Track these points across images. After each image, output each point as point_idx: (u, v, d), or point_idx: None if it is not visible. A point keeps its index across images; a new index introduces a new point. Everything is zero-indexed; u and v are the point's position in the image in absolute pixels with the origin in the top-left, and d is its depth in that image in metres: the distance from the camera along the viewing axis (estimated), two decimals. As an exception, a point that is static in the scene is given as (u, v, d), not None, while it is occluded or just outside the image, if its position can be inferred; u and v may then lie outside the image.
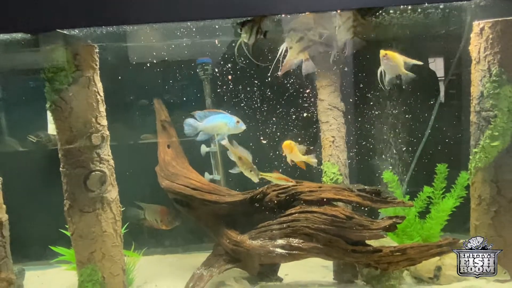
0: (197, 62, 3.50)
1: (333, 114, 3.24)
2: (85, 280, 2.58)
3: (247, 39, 2.31)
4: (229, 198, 2.98)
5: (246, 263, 2.91)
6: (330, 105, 3.25)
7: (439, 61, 3.67)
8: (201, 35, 3.47)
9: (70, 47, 2.41)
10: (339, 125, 3.22)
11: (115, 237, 2.65)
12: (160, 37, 3.58)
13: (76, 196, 2.50)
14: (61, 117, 2.45)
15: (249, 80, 3.54)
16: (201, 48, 3.53)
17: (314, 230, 2.70)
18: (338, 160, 3.16)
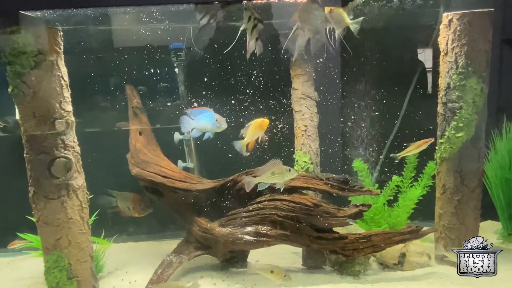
0: (170, 48, 3.44)
1: (306, 103, 3.25)
2: (51, 267, 2.56)
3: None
4: (200, 186, 2.99)
5: (216, 250, 2.95)
6: (303, 94, 3.25)
7: (428, 52, 3.72)
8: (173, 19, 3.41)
9: (32, 30, 2.33)
10: (312, 114, 3.24)
11: (82, 224, 2.63)
12: (133, 21, 3.50)
13: (41, 183, 2.46)
14: (23, 102, 2.39)
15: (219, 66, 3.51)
16: (174, 33, 3.47)
17: (282, 217, 2.74)
18: (310, 149, 3.19)
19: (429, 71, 3.77)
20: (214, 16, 2.24)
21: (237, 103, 3.57)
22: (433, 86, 3.66)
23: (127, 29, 3.49)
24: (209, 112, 3.17)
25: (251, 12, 2.21)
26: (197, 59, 3.33)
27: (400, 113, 3.58)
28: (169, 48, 3.43)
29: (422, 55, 3.76)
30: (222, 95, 3.54)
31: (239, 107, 3.58)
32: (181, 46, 3.42)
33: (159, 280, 2.73)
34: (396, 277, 2.90)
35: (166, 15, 3.36)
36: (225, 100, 3.52)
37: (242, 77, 3.55)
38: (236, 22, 2.39)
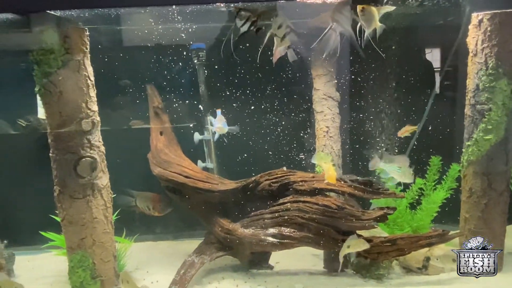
0: (191, 48, 3.43)
1: (328, 104, 3.21)
2: (76, 266, 2.57)
3: (240, 25, 2.27)
4: (222, 187, 2.97)
5: (238, 251, 2.93)
6: (325, 94, 3.22)
7: (436, 52, 3.65)
8: (195, 19, 3.40)
9: (60, 30, 2.33)
10: (334, 115, 3.21)
11: (106, 223, 2.63)
12: (154, 21, 3.50)
13: (66, 182, 2.47)
14: (50, 101, 2.39)
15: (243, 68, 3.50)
16: (196, 33, 3.46)
17: (306, 219, 2.71)
18: (332, 151, 3.16)
19: (437, 71, 3.71)
20: (255, 23, 2.22)
21: (257, 104, 3.56)
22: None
23: (149, 28, 3.48)
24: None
25: (282, 19, 2.19)
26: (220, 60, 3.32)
27: (424, 115, 3.51)
28: (190, 48, 3.42)
29: (430, 55, 3.69)
30: (243, 96, 3.52)
31: (260, 107, 3.57)
32: (202, 46, 3.40)
33: (182, 281, 2.72)
34: (421, 281, 2.85)
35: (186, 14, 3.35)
36: (246, 101, 3.51)
37: (263, 77, 3.53)
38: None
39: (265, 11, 2.34)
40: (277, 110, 3.62)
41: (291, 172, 2.88)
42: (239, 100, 3.53)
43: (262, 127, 3.56)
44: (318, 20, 2.72)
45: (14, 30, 3.15)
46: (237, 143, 3.47)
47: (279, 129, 3.60)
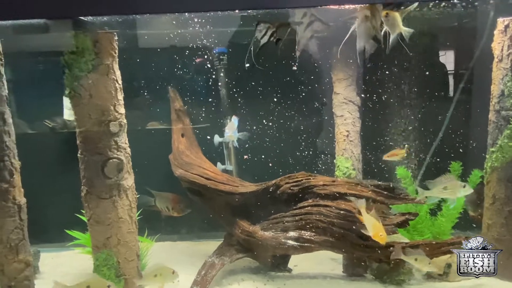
0: (214, 52, 3.48)
1: (349, 108, 3.22)
2: (101, 265, 2.63)
3: (260, 37, 2.32)
4: (242, 189, 3.01)
5: (258, 253, 2.96)
6: (345, 99, 3.23)
7: (449, 55, 3.63)
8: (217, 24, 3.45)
9: (91, 34, 2.40)
10: (354, 119, 3.21)
11: (130, 223, 2.69)
12: (175, 25, 3.56)
13: (94, 183, 2.54)
14: (80, 104, 2.46)
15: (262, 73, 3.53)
16: (218, 37, 3.52)
17: (327, 223, 2.72)
18: (352, 155, 3.16)
19: (451, 74, 3.67)
20: (275, 34, 2.25)
21: (276, 107, 3.59)
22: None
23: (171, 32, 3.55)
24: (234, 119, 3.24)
25: (307, 8, 2.20)
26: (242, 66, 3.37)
27: (446, 120, 3.48)
28: (213, 52, 3.47)
29: (443, 58, 3.66)
30: (263, 99, 3.56)
31: (279, 111, 3.60)
32: (225, 50, 3.45)
33: (203, 281, 2.76)
34: (441, 288, 2.84)
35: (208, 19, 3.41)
36: (266, 104, 3.55)
37: (282, 81, 3.56)
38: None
39: (284, 22, 2.37)
40: (295, 114, 3.65)
41: (312, 176, 2.90)
42: (258, 104, 3.57)
43: (280, 130, 3.59)
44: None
45: (45, 34, 3.27)
46: (256, 146, 3.51)
47: (297, 133, 3.63)
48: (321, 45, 3.23)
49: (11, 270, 2.69)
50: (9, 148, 2.64)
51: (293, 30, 2.43)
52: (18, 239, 2.70)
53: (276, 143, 3.58)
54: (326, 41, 3.26)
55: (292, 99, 3.59)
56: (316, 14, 2.22)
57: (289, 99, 3.60)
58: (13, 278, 2.69)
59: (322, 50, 3.13)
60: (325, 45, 3.27)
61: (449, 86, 3.69)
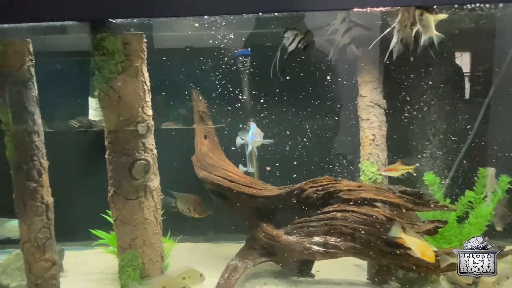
0: (237, 54, 3.47)
1: (375, 111, 3.16)
2: (126, 265, 2.64)
3: (288, 44, 2.31)
4: (266, 192, 2.98)
5: (281, 257, 2.93)
6: (371, 102, 3.17)
7: (465, 56, 3.53)
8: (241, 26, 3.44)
9: (121, 36, 2.42)
10: (381, 123, 3.15)
11: (156, 224, 2.70)
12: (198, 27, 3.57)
13: (121, 184, 2.55)
14: (109, 105, 2.48)
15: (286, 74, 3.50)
16: (240, 39, 3.51)
17: (353, 229, 2.67)
18: (378, 159, 3.10)
19: (467, 75, 3.56)
20: (302, 41, 2.24)
21: (299, 110, 3.56)
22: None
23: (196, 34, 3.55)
24: (252, 125, 3.23)
25: (346, 14, 2.18)
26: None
27: (475, 124, 3.38)
28: (235, 54, 3.46)
29: (459, 59, 3.56)
30: (286, 102, 3.53)
31: (302, 114, 3.57)
32: (248, 52, 3.44)
33: (227, 285, 2.75)
34: (470, 299, 2.75)
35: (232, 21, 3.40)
36: (288, 107, 3.52)
37: (305, 83, 3.53)
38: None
39: (309, 31, 2.35)
40: (319, 117, 3.61)
41: (337, 180, 2.86)
42: (281, 106, 3.54)
43: (303, 134, 3.55)
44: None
45: (74, 36, 3.31)
46: (278, 149, 3.48)
47: (320, 136, 3.59)
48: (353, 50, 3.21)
49: (38, 269, 2.73)
50: (38, 148, 2.68)
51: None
52: (45, 238, 2.74)
53: (297, 146, 3.55)
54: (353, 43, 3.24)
55: (315, 101, 3.55)
56: (356, 20, 2.19)
57: (311, 101, 3.56)
58: (40, 276, 2.73)
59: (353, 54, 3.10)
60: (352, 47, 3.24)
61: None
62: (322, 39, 3.19)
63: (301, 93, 3.56)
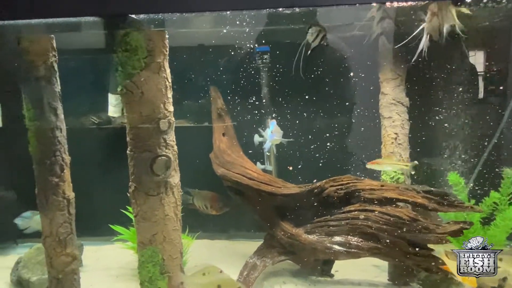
0: (256, 50, 3.44)
1: (397, 109, 3.09)
2: (146, 261, 2.64)
3: (311, 40, 2.30)
4: (285, 191, 2.95)
5: (301, 256, 2.89)
6: (394, 99, 3.10)
7: (479, 55, 3.43)
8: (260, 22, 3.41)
9: (144, 32, 2.41)
10: (403, 121, 3.07)
11: (176, 221, 2.69)
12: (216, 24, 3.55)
13: (142, 179, 2.54)
14: (131, 101, 2.47)
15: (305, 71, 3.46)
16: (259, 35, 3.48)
17: (375, 230, 2.62)
18: (400, 159, 3.03)
19: (481, 74, 3.45)
20: (325, 37, 2.22)
21: (318, 107, 3.51)
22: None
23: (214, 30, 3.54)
24: (272, 123, 3.20)
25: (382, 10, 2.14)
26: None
27: (502, 122, 3.28)
28: (255, 51, 3.43)
29: (473, 58, 3.45)
30: (304, 99, 3.49)
31: (321, 111, 3.52)
32: (267, 49, 3.40)
33: (246, 282, 2.73)
34: (496, 303, 2.67)
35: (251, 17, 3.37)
36: (307, 104, 3.48)
37: (325, 80, 3.48)
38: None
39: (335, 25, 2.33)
40: (339, 114, 3.55)
41: (358, 179, 2.80)
42: (300, 104, 3.50)
43: (321, 131, 3.51)
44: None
45: (96, 32, 3.33)
46: (296, 147, 3.45)
47: (338, 134, 3.54)
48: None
49: (59, 263, 2.75)
50: (61, 143, 2.71)
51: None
52: (67, 232, 2.76)
53: (316, 144, 3.51)
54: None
55: (333, 99, 3.50)
56: (387, 11, 2.14)
57: (329, 99, 3.51)
58: (61, 271, 2.75)
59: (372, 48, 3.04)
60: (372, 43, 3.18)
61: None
62: (336, 36, 3.17)
63: (319, 90, 3.52)
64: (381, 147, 3.16)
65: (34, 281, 3.02)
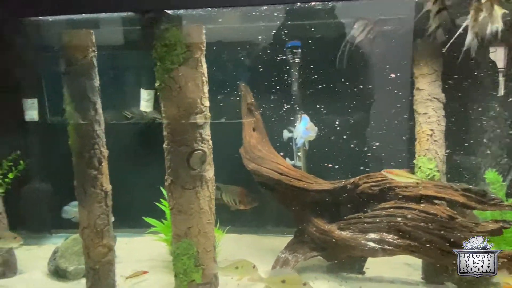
0: (287, 46, 3.42)
1: (433, 105, 3.02)
2: (181, 253, 2.69)
3: (357, 34, 2.28)
4: (317, 186, 2.94)
5: (333, 253, 2.89)
6: (430, 95, 3.03)
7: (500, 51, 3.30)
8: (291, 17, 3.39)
9: (183, 28, 2.44)
10: (439, 117, 3.00)
11: (210, 214, 2.72)
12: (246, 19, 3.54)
13: (179, 173, 2.59)
14: (169, 96, 2.51)
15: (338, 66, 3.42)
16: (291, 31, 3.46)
17: (412, 227, 2.59)
18: (436, 156, 2.96)
19: (501, 71, 3.31)
20: (371, 30, 2.19)
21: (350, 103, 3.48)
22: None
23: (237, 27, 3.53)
24: (305, 119, 3.18)
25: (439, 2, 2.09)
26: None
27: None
28: (286, 46, 3.41)
29: (493, 54, 3.31)
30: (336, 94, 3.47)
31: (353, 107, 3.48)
32: (298, 44, 3.38)
33: (279, 278, 2.74)
34: (536, 304, 2.60)
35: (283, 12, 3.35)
36: (340, 100, 3.45)
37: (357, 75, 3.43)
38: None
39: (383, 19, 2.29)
40: (370, 110, 3.51)
41: (393, 176, 2.77)
42: (331, 99, 3.47)
43: (353, 127, 3.47)
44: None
45: (129, 28, 3.38)
46: (327, 143, 3.42)
47: (371, 130, 3.50)
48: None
49: (96, 254, 2.84)
50: (99, 136, 2.77)
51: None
52: (104, 224, 2.84)
53: (346, 140, 3.47)
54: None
55: (366, 94, 3.46)
56: (444, 2, 2.09)
57: (362, 94, 3.47)
58: (98, 261, 2.84)
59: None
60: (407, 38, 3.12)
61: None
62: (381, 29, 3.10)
63: (351, 86, 3.48)
64: (416, 143, 3.11)
65: (70, 270, 3.11)
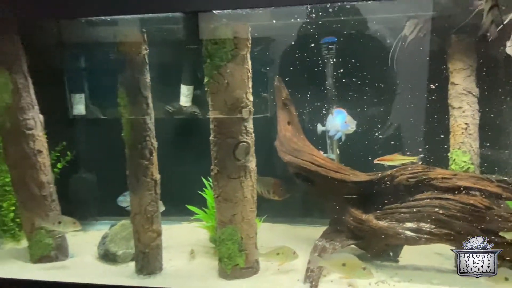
0: (322, 42, 3.53)
1: (468, 99, 3.10)
2: (226, 239, 2.87)
3: (409, 33, 2.34)
4: (355, 178, 3.06)
5: (370, 241, 3.01)
6: (464, 90, 3.11)
7: None
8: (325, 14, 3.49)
9: (231, 27, 2.59)
10: (474, 111, 3.08)
11: (252, 203, 2.89)
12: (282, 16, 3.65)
13: (225, 164, 2.76)
14: (217, 91, 2.68)
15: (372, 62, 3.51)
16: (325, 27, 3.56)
17: (449, 217, 2.69)
18: (470, 149, 3.05)
19: None
20: (422, 29, 2.26)
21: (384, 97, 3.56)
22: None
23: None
24: (342, 113, 3.28)
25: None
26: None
27: None
28: (320, 42, 3.52)
29: (510, 49, 3.29)
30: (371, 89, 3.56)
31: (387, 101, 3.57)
32: (333, 40, 3.48)
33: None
34: None
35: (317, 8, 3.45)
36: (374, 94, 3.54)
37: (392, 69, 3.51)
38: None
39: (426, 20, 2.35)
40: (404, 104, 3.59)
41: (429, 168, 2.86)
42: (365, 94, 3.56)
43: (387, 121, 3.56)
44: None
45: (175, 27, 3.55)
46: (361, 137, 3.53)
47: (405, 124, 3.58)
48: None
49: (146, 238, 3.05)
50: (150, 129, 2.97)
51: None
52: (153, 211, 3.05)
53: (380, 134, 3.57)
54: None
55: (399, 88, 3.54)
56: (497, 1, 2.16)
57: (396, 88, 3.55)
58: (147, 245, 3.05)
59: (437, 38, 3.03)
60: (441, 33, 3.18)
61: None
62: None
63: (384, 81, 3.56)
64: (450, 137, 3.19)
65: (120, 254, 3.34)
